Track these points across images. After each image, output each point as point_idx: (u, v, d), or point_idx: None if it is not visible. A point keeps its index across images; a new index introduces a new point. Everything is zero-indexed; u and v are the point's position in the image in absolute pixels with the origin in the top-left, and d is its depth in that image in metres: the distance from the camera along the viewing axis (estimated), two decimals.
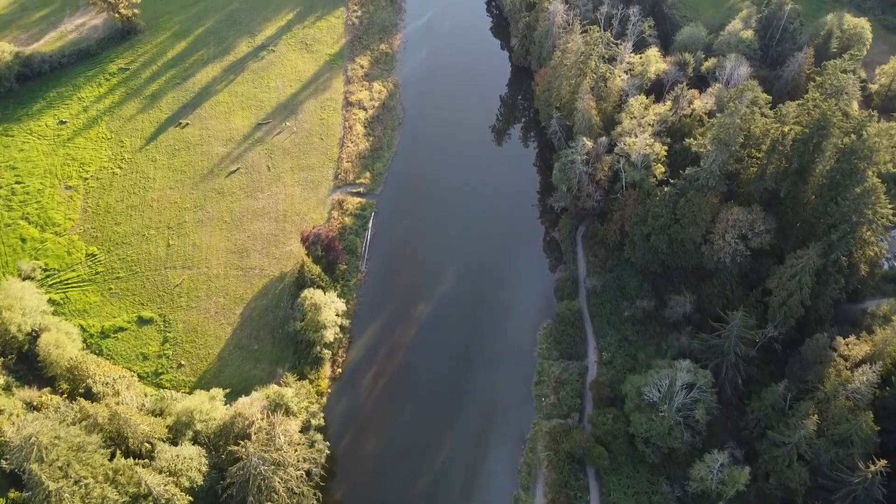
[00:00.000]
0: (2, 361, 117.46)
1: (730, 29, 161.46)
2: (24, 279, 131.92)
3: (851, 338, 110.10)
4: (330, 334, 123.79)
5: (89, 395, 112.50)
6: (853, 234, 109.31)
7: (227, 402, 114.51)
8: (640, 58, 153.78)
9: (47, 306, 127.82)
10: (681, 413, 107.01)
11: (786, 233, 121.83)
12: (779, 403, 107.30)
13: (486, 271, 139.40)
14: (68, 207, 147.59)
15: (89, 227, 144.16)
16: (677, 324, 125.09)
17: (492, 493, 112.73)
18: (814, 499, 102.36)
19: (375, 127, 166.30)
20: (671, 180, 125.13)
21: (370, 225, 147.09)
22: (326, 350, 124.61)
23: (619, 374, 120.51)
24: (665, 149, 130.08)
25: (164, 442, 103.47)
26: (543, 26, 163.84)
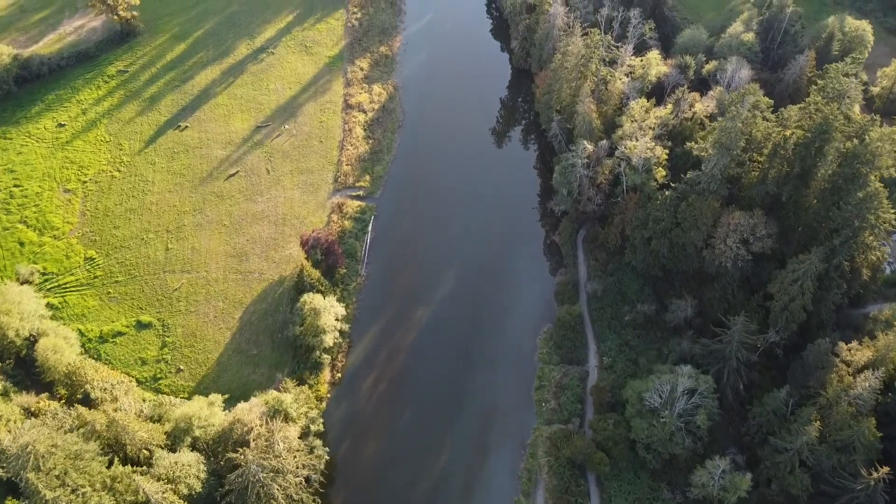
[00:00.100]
0: (0, 366, 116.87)
1: (731, 31, 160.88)
2: (22, 283, 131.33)
3: (854, 343, 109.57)
4: (329, 339, 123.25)
5: (87, 400, 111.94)
6: (855, 238, 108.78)
7: (226, 408, 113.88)
8: (641, 60, 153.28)
9: (45, 311, 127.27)
10: (682, 419, 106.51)
11: (787, 237, 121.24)
12: (780, 409, 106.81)
13: (487, 275, 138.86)
14: (67, 211, 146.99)
15: (88, 231, 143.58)
16: (678, 328, 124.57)
17: (492, 499, 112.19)
18: None
19: (375, 130, 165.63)
20: (672, 184, 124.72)
21: (370, 228, 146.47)
22: (326, 355, 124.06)
23: (619, 378, 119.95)
24: (666, 152, 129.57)
25: (162, 448, 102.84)
26: (544, 29, 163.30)
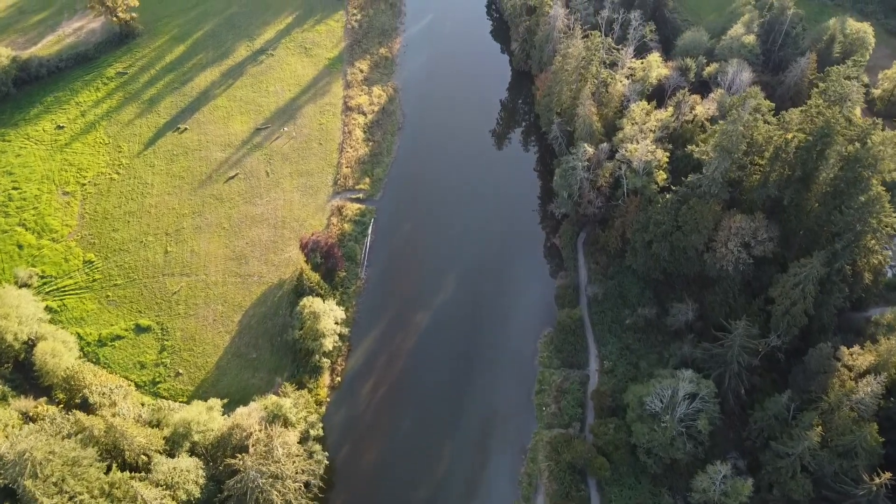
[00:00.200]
0: None
1: (732, 33, 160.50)
2: (20, 287, 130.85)
3: (856, 348, 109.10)
4: (329, 343, 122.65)
5: (86, 404, 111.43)
6: (857, 242, 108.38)
7: (225, 412, 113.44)
8: (642, 63, 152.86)
9: (44, 314, 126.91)
10: (683, 423, 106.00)
11: (789, 241, 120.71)
12: (782, 414, 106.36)
13: (487, 278, 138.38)
14: (65, 213, 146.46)
15: (87, 234, 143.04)
16: (679, 332, 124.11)
17: None
18: None
19: (375, 132, 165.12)
20: (673, 187, 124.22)
21: (369, 231, 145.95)
22: (325, 359, 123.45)
23: (620, 383, 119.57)
24: (667, 155, 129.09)
25: (160, 454, 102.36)
26: (544, 30, 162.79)
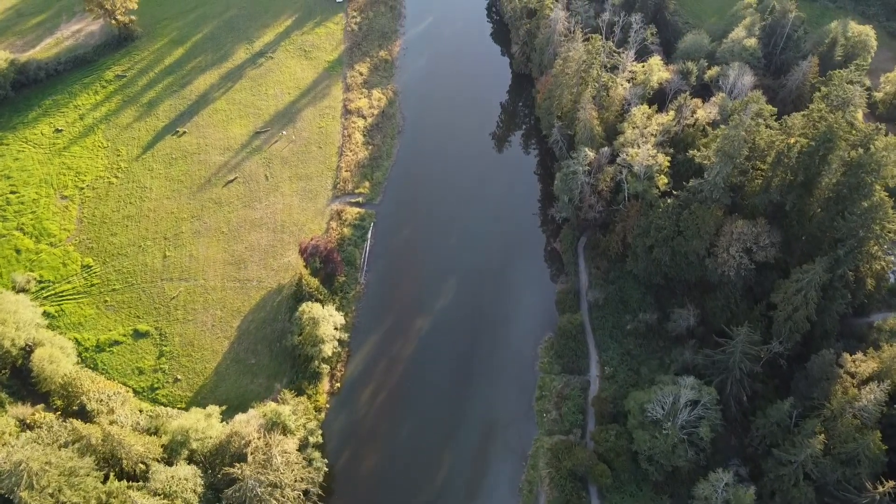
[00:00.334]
0: None
1: (733, 37, 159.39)
2: (18, 292, 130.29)
3: (858, 354, 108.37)
4: (328, 348, 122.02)
5: (84, 411, 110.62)
6: (860, 248, 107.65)
7: (224, 419, 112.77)
8: (643, 66, 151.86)
9: (42, 319, 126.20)
10: (685, 430, 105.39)
11: (791, 246, 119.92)
12: (784, 421, 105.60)
13: (487, 283, 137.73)
14: (64, 218, 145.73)
15: (85, 238, 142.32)
16: (680, 338, 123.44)
17: None
18: None
19: (375, 135, 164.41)
20: (674, 192, 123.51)
21: (369, 235, 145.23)
22: (325, 365, 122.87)
23: (621, 389, 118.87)
24: (668, 160, 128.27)
25: (158, 462, 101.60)
26: (544, 33, 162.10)
